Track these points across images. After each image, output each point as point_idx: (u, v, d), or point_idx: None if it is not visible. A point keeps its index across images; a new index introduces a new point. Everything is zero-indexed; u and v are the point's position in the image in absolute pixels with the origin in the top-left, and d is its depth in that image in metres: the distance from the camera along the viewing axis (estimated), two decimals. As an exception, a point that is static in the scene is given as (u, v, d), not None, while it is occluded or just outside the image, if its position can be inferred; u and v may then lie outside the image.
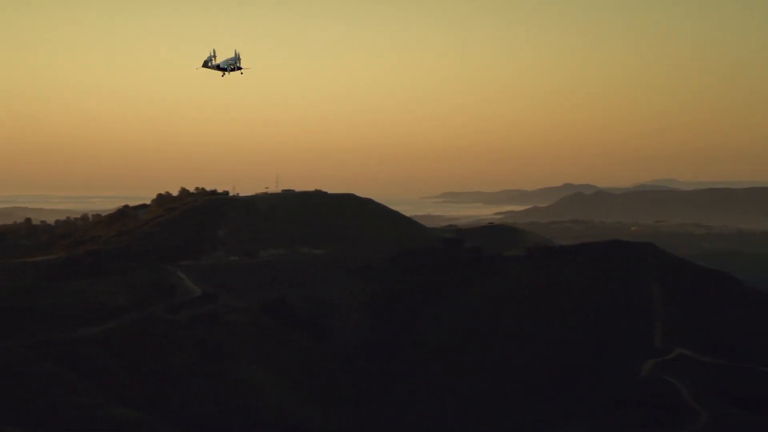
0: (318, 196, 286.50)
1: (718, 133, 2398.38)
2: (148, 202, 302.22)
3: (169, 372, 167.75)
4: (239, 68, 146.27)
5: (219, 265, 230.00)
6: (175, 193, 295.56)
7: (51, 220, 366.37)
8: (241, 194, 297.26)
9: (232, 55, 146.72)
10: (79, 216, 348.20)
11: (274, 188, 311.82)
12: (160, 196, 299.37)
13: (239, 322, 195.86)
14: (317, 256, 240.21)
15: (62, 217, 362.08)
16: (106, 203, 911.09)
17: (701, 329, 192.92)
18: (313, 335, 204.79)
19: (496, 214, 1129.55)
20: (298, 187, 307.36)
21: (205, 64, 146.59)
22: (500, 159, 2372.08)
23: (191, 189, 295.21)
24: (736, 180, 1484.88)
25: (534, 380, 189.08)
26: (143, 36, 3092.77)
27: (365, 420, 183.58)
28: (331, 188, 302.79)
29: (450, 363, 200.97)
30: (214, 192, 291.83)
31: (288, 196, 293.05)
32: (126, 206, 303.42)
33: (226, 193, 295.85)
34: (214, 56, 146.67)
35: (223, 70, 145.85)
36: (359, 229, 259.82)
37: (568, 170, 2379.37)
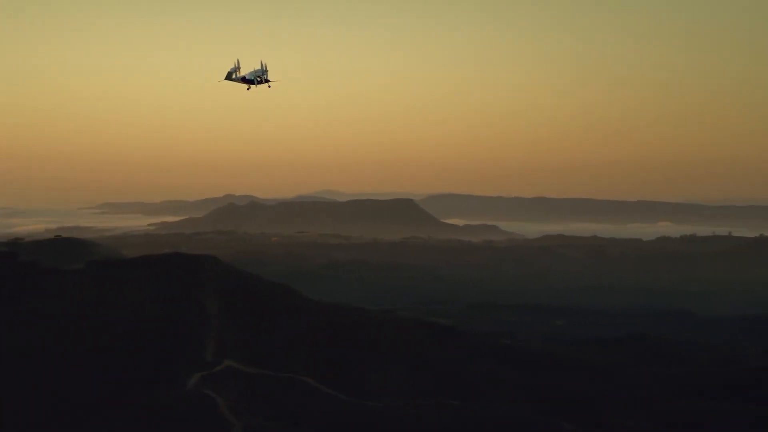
0: None
1: (380, 146, 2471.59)
2: None
3: None
4: (267, 81, 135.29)
5: None
6: None
7: None
8: None
9: (259, 67, 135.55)
10: None
11: None
12: None
13: None
14: None
15: None
16: None
17: (254, 341, 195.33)
18: None
19: (150, 225, 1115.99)
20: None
21: (229, 76, 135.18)
22: (164, 169, 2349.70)
23: None
24: (387, 192, 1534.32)
25: (86, 398, 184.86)
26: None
27: None
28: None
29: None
30: None
31: None
32: None
33: None
34: (239, 68, 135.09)
35: (249, 82, 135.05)
36: None
37: (231, 181, 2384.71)
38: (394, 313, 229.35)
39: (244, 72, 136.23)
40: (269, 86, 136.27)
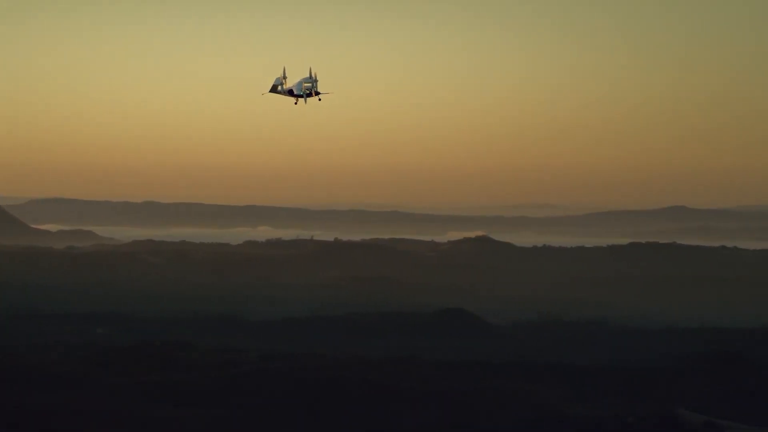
0: None
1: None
2: None
3: None
4: (317, 93, 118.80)
5: None
6: None
7: None
8: None
9: (307, 75, 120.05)
10: None
11: None
12: None
13: None
14: None
15: None
16: None
17: None
18: None
19: None
20: None
21: (274, 89, 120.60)
22: None
23: None
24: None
25: None
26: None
27: None
28: None
29: None
30: None
31: None
32: None
33: None
34: (285, 78, 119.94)
35: (297, 96, 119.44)
36: None
37: None
38: None
39: (290, 83, 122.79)
40: (319, 99, 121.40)
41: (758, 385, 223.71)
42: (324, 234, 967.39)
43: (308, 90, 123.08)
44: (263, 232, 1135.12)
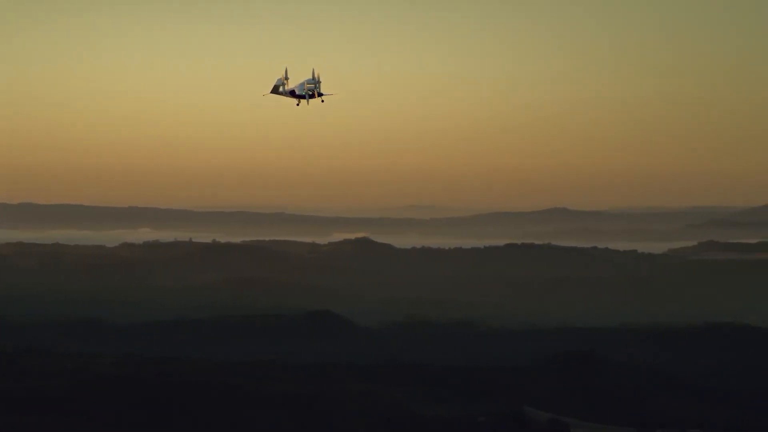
0: None
1: None
2: None
3: None
4: (320, 94, 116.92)
5: None
6: None
7: None
8: None
9: (310, 77, 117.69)
10: None
11: None
12: None
13: None
14: None
15: None
16: None
17: None
18: None
19: None
20: None
21: (275, 90, 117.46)
22: None
23: None
24: None
25: None
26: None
27: None
28: None
29: None
30: None
31: None
32: None
33: None
34: (287, 78, 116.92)
35: (300, 97, 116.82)
36: None
37: None
38: None
39: (292, 84, 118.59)
40: (322, 101, 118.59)
41: (607, 384, 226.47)
42: (205, 236, 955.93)
43: (311, 91, 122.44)
44: (142, 234, 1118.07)
